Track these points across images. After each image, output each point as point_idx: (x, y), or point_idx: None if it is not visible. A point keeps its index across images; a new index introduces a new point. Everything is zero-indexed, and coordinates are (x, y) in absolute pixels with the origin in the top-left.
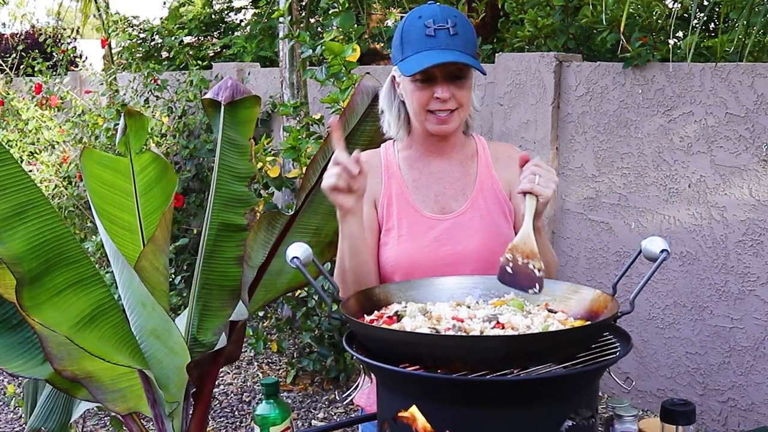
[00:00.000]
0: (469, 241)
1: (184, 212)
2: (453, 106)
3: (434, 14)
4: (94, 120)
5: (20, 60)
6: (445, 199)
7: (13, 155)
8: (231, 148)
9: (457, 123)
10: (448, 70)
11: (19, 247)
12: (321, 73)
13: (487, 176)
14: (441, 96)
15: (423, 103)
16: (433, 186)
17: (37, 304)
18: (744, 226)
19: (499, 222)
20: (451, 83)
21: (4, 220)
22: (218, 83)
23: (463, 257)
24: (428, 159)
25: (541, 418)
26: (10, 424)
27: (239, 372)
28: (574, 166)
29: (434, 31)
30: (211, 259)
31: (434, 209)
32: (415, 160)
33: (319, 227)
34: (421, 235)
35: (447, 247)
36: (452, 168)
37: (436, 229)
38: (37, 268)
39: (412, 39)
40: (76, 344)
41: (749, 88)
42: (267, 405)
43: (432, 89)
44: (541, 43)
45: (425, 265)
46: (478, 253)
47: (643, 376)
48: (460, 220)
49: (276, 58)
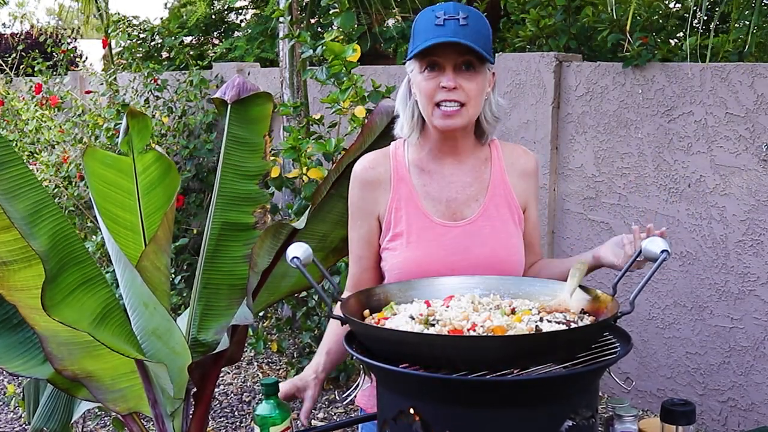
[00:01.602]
0: (480, 250)
1: (184, 212)
2: (460, 98)
3: (447, 8)
4: (94, 120)
5: (20, 60)
6: (456, 205)
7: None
8: (238, 147)
9: (465, 120)
10: (454, 59)
11: (43, 244)
12: (321, 73)
13: (500, 182)
14: (446, 85)
15: (430, 93)
16: (444, 191)
17: (55, 304)
18: (744, 226)
19: (511, 230)
20: (458, 74)
21: (28, 216)
22: (226, 83)
23: (473, 266)
24: (440, 162)
25: (541, 418)
26: (10, 424)
27: (239, 372)
28: (574, 166)
29: (443, 21)
30: (215, 258)
31: (445, 215)
32: (427, 163)
33: (326, 234)
34: (430, 242)
35: (457, 256)
36: (464, 173)
37: (446, 237)
38: (55, 267)
39: (422, 29)
40: (99, 341)
41: (749, 88)
42: (267, 405)
43: (438, 79)
44: (543, 43)
45: (433, 273)
46: (488, 261)
47: (643, 376)
48: (471, 228)
49: (276, 59)
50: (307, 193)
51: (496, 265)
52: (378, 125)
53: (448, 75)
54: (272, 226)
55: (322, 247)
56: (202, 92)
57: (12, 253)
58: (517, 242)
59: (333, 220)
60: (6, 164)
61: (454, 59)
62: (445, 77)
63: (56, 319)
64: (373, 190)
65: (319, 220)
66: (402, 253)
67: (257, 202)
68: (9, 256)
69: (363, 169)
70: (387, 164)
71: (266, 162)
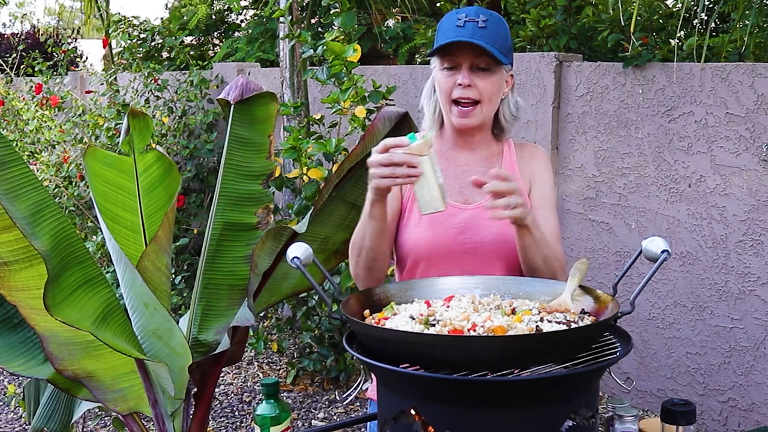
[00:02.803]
0: (488, 231)
1: (185, 212)
2: (474, 96)
3: (469, 11)
4: (95, 120)
5: (20, 60)
6: (469, 191)
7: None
8: (241, 147)
9: (480, 118)
10: (471, 59)
11: (45, 244)
12: (322, 73)
13: (510, 172)
14: (462, 82)
15: (447, 90)
16: (458, 177)
17: (57, 303)
18: (744, 226)
19: None
20: (473, 73)
21: (30, 216)
22: (230, 83)
23: (480, 246)
24: (456, 152)
25: (542, 418)
26: (10, 424)
27: (239, 372)
28: (574, 166)
29: (464, 23)
30: (216, 258)
31: (458, 199)
32: (444, 152)
33: (327, 236)
34: (441, 221)
35: (465, 235)
36: (478, 162)
37: (456, 217)
38: (57, 266)
39: (445, 28)
40: (102, 341)
41: (749, 88)
42: (267, 405)
43: (455, 77)
44: (543, 43)
45: (442, 250)
46: (496, 243)
47: (644, 376)
48: (479, 211)
49: (276, 60)
50: (308, 193)
51: (502, 245)
52: (380, 130)
53: (464, 73)
54: (273, 229)
55: (323, 249)
56: (202, 92)
57: (13, 253)
58: None
59: (334, 222)
60: (7, 164)
61: (470, 59)
62: (461, 75)
63: (59, 319)
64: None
65: (321, 223)
66: (413, 229)
67: (260, 202)
68: (10, 256)
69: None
70: None
71: (270, 162)
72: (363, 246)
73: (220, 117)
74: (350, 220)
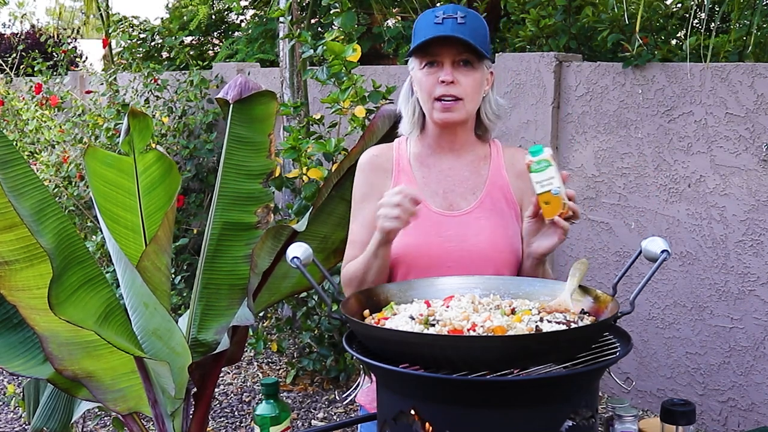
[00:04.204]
0: (475, 239)
1: (184, 212)
2: (457, 93)
3: (446, 8)
4: (95, 120)
5: (20, 60)
6: (453, 197)
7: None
8: (241, 146)
9: (463, 114)
10: (452, 56)
11: (50, 242)
12: (322, 73)
13: (497, 178)
14: (444, 79)
15: (429, 89)
16: (442, 183)
17: (60, 302)
18: (744, 226)
19: (507, 223)
20: (456, 69)
21: (35, 214)
22: (229, 82)
23: (468, 254)
24: (439, 156)
25: (542, 418)
26: (10, 424)
27: (239, 372)
28: (574, 166)
29: (442, 20)
30: (215, 258)
31: (442, 205)
32: (426, 157)
33: (327, 236)
34: (427, 229)
35: (452, 244)
36: (462, 167)
37: (442, 225)
38: (60, 265)
39: (422, 27)
40: (106, 340)
41: (749, 88)
42: (267, 405)
43: (437, 74)
44: (543, 43)
45: (429, 259)
46: (484, 251)
47: (643, 376)
48: (467, 218)
49: (276, 60)
50: (307, 193)
51: (492, 255)
52: (380, 129)
53: (446, 70)
54: (273, 228)
55: (323, 248)
56: (202, 92)
57: (14, 253)
58: (513, 235)
59: (334, 222)
60: (10, 163)
61: (452, 55)
62: (443, 72)
63: (63, 318)
64: (379, 175)
65: (321, 222)
66: (399, 239)
67: (260, 202)
68: (11, 255)
69: (370, 157)
70: (390, 155)
71: (271, 161)
72: (365, 280)
73: (219, 117)
74: (350, 219)
